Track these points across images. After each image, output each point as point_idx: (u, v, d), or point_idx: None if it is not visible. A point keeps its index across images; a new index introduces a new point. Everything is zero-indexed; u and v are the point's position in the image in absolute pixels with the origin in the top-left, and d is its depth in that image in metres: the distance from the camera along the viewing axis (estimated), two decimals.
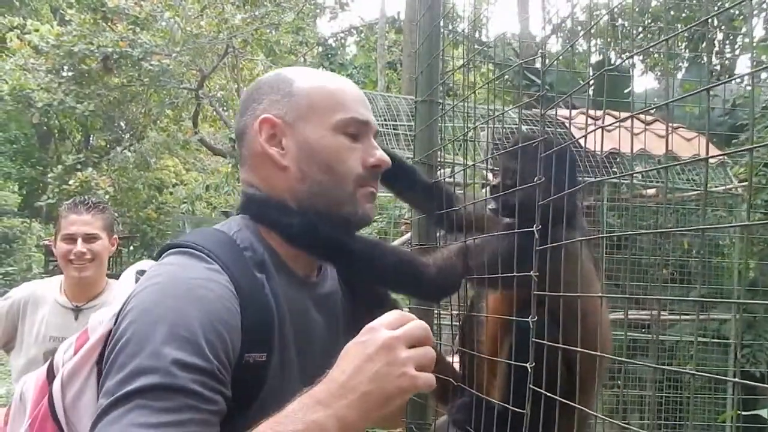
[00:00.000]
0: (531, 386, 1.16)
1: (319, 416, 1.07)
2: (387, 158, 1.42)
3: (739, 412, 5.10)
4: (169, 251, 1.31)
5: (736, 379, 6.16)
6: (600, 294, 1.36)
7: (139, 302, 1.19)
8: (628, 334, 6.41)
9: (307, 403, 1.09)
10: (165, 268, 1.26)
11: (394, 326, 1.13)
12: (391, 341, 1.10)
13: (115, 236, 3.09)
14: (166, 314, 1.15)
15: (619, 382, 6.43)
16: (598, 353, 1.17)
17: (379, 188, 1.47)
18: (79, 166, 14.30)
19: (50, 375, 1.48)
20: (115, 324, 1.21)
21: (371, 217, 1.43)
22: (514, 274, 1.27)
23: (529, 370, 1.17)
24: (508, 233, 1.32)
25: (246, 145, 1.42)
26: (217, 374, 1.15)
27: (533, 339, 1.17)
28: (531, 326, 1.18)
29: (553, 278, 1.26)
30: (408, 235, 1.78)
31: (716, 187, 6.61)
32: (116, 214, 17.26)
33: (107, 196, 13.89)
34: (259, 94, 1.43)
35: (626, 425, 0.97)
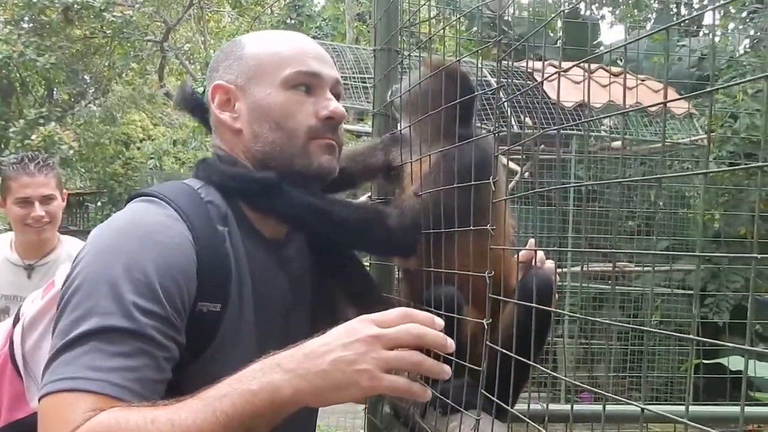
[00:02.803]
0: (487, 343, 1.14)
1: (275, 377, 1.05)
2: (341, 110, 1.39)
3: (700, 360, 5.20)
4: (132, 199, 1.32)
5: (694, 336, 6.27)
6: (568, 248, 1.31)
7: (96, 244, 1.20)
8: (595, 286, 6.49)
9: (269, 365, 1.08)
10: (124, 213, 1.26)
11: (386, 324, 1.09)
12: (371, 338, 1.07)
13: (65, 191, 3.00)
14: (122, 257, 1.15)
15: (586, 333, 6.54)
16: (563, 311, 1.15)
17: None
18: (41, 121, 14.01)
19: (16, 323, 1.49)
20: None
21: (332, 169, 1.39)
22: (471, 227, 1.24)
23: (486, 326, 1.14)
24: (462, 185, 1.29)
25: (211, 113, 1.43)
26: (171, 320, 1.15)
27: (489, 295, 1.15)
28: (487, 281, 1.16)
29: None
30: (367, 195, 1.76)
31: (682, 138, 6.63)
32: (83, 170, 17.15)
33: (72, 151, 13.67)
34: (216, 62, 1.44)
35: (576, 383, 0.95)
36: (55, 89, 18.84)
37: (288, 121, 1.35)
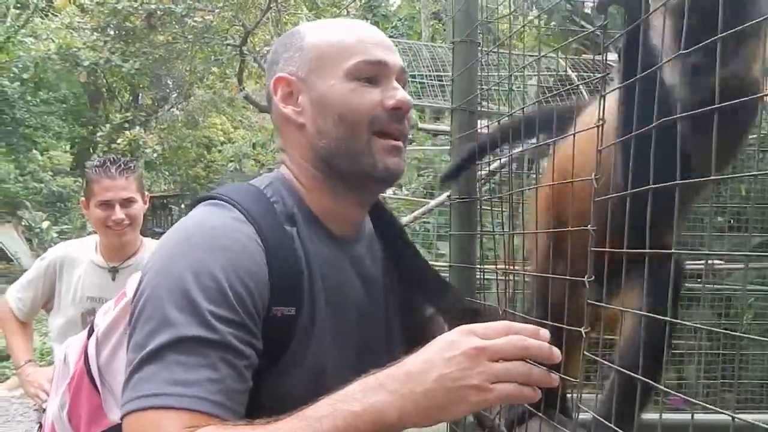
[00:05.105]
0: (585, 353, 1.06)
1: (379, 399, 1.01)
2: (408, 99, 1.31)
3: None
4: (197, 203, 1.30)
5: None
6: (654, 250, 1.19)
7: (163, 252, 1.19)
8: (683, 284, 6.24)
9: (370, 385, 1.03)
10: (190, 219, 1.25)
11: (488, 336, 1.03)
12: (475, 351, 1.01)
13: (147, 194, 3.04)
14: (190, 264, 1.12)
15: (674, 333, 6.30)
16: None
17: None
18: (126, 125, 14.44)
19: (90, 335, 1.48)
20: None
21: (399, 172, 1.32)
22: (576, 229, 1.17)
23: (584, 335, 1.07)
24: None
25: (272, 108, 1.38)
26: (247, 326, 1.13)
27: (588, 301, 1.07)
28: (586, 286, 1.08)
29: None
30: (446, 195, 1.70)
31: None
32: (166, 173, 17.59)
33: (155, 155, 14.04)
34: (276, 55, 1.38)
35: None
36: (139, 94, 19.41)
37: (350, 113, 1.28)
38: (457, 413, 1.02)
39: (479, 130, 1.62)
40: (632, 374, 1.04)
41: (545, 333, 1.04)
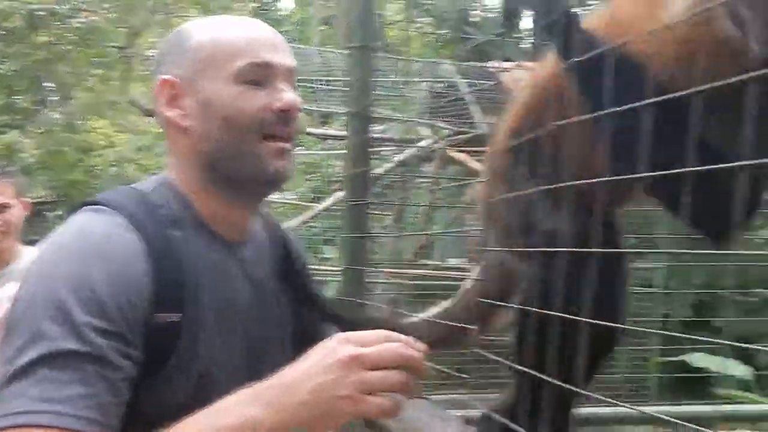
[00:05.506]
0: (487, 354, 1.11)
1: (256, 412, 1.01)
2: (296, 101, 1.27)
3: (668, 358, 5.25)
4: (79, 209, 1.25)
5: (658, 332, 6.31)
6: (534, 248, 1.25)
7: (41, 261, 1.16)
8: None
9: (248, 396, 1.03)
10: (70, 225, 1.20)
11: (364, 343, 1.02)
12: (350, 359, 1.00)
13: (27, 200, 2.94)
14: (68, 273, 1.09)
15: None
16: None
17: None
18: (3, 129, 13.79)
19: None
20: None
21: (286, 174, 1.28)
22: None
23: (468, 333, 1.11)
24: None
25: (157, 112, 1.31)
26: (125, 337, 1.09)
27: (480, 299, 1.11)
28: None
29: None
30: (341, 194, 1.72)
31: None
32: (45, 178, 16.82)
33: (32, 160, 13.47)
34: (161, 55, 1.33)
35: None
36: (16, 97, 18.52)
37: (237, 117, 1.23)
38: (334, 423, 1.03)
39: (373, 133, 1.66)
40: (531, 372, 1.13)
41: (421, 346, 1.05)
